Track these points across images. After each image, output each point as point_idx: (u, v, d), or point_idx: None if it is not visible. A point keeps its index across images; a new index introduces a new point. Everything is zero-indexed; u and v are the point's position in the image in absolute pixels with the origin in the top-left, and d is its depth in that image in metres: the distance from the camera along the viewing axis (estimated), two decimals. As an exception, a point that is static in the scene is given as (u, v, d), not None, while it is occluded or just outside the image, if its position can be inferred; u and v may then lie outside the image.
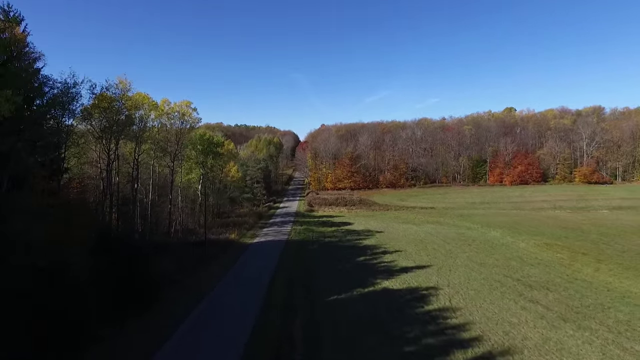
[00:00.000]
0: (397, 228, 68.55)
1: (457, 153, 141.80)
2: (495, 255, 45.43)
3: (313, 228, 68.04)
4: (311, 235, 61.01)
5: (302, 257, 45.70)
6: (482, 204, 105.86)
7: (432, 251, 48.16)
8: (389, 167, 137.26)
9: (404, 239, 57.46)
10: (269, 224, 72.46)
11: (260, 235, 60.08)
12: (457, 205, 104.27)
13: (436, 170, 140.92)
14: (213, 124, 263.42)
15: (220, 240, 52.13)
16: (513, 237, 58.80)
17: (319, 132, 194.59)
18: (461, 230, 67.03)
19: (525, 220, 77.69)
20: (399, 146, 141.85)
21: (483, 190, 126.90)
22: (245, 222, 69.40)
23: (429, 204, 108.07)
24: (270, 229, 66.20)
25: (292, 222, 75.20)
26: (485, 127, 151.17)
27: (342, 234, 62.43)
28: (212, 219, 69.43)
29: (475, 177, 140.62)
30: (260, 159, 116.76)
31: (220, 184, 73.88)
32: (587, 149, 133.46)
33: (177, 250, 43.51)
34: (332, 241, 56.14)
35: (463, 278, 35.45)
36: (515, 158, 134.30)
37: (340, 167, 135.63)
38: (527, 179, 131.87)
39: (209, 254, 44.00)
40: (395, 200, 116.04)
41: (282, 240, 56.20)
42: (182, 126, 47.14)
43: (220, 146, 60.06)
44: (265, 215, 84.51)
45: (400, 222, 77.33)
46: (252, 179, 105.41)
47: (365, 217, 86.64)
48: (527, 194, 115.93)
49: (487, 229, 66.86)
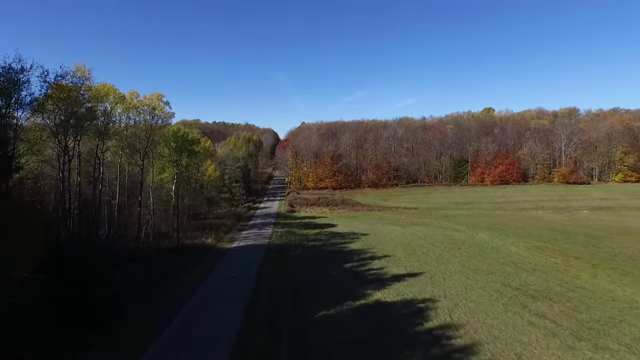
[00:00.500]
0: (382, 230, 66.08)
1: (439, 152, 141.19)
2: (487, 261, 43.39)
3: (295, 230, 64.72)
4: (294, 238, 57.67)
5: (284, 264, 42.35)
6: (465, 204, 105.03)
7: (422, 256, 45.72)
8: (371, 167, 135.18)
9: (391, 242, 54.96)
10: (248, 226, 68.62)
11: (239, 239, 56.28)
12: (440, 206, 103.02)
13: (418, 170, 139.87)
14: (190, 120, 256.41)
15: (196, 245, 48.12)
16: (501, 239, 57.25)
17: (300, 131, 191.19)
18: (448, 232, 65.17)
19: (510, 221, 76.75)
20: (381, 145, 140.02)
21: (465, 190, 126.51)
22: (223, 224, 65.35)
23: (413, 204, 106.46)
24: (250, 232, 62.45)
25: (273, 223, 71.62)
26: (466, 126, 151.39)
27: (326, 237, 59.35)
28: (188, 221, 65.13)
29: (457, 176, 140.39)
30: (239, 158, 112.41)
31: (197, 183, 69.49)
32: (565, 149, 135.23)
33: (147, 259, 39.45)
34: (316, 245, 52.99)
35: (460, 287, 32.97)
36: (496, 158, 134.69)
37: (321, 166, 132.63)
38: (508, 179, 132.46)
39: (183, 262, 40.06)
40: (378, 200, 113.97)
41: (262, 244, 52.64)
42: (152, 121, 42.79)
43: (195, 144, 55.88)
44: (244, 216, 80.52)
45: (385, 223, 74.96)
46: (231, 178, 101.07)
47: (348, 218, 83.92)
48: (509, 194, 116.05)
49: (474, 231, 65.26)
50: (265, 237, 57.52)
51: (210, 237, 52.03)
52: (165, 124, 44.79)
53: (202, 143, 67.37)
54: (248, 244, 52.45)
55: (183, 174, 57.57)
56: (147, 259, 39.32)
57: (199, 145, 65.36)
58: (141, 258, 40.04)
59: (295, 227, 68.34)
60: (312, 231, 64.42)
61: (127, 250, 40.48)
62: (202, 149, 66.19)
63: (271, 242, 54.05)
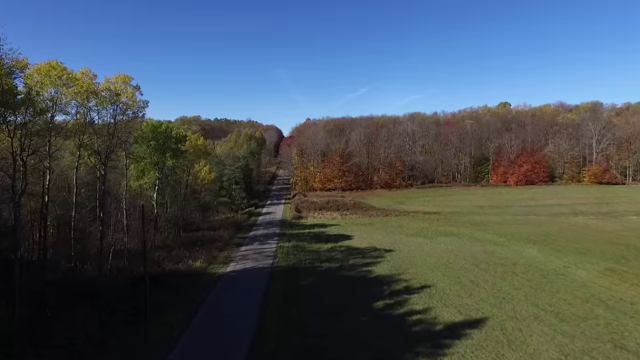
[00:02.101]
0: (407, 243, 55.46)
1: (458, 150, 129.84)
2: (562, 295, 32.73)
3: (304, 245, 54.17)
4: (303, 257, 47.10)
5: (294, 302, 31.78)
6: (492, 208, 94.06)
7: (472, 287, 35.07)
8: (383, 166, 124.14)
9: (424, 262, 44.37)
10: (248, 239, 58.05)
11: (236, 259, 45.75)
12: (464, 210, 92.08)
13: (434, 169, 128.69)
14: (190, 117, 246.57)
15: (180, 271, 37.68)
16: (558, 257, 46.68)
17: (305, 127, 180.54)
18: (486, 245, 54.52)
19: (553, 230, 65.88)
20: (395, 142, 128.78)
21: (488, 192, 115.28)
22: (218, 237, 54.93)
23: (432, 207, 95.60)
24: (249, 248, 51.89)
25: (278, 235, 61.04)
26: (485, 122, 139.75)
27: (342, 254, 48.72)
28: (177, 234, 54.73)
29: (477, 176, 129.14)
30: (239, 157, 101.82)
31: (187, 188, 59.10)
32: (596, 146, 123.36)
33: (107, 298, 28.99)
34: (332, 268, 42.36)
35: (554, 353, 22.23)
36: (520, 156, 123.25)
37: (329, 165, 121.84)
38: (534, 179, 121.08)
39: (157, 301, 29.58)
40: (393, 203, 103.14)
41: (264, 267, 42.11)
42: (118, 112, 32.13)
43: (181, 141, 45.34)
44: (244, 225, 69.98)
45: (407, 233, 64.26)
46: (230, 179, 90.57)
47: (363, 226, 73.23)
48: (538, 196, 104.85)
49: (518, 244, 54.65)
50: (268, 256, 47.00)
51: (199, 259, 41.47)
52: (136, 116, 34.22)
53: (192, 140, 56.86)
54: (246, 267, 41.86)
55: (168, 178, 47.09)
56: (106, 298, 28.88)
57: (189, 143, 55.03)
58: (101, 295, 29.67)
59: (304, 240, 57.80)
60: (324, 246, 53.80)
61: (82, 285, 30.05)
62: (192, 148, 55.78)
63: (275, 264, 43.50)
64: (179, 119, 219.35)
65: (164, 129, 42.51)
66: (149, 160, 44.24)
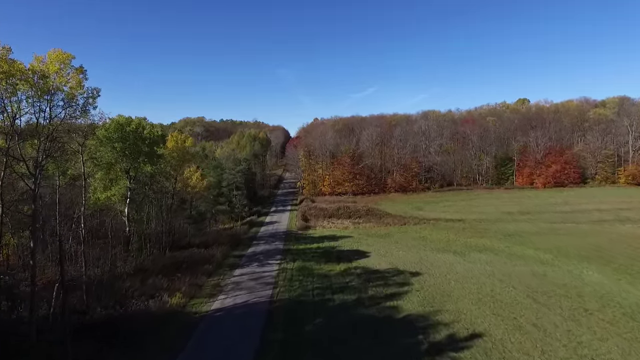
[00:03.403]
0: (436, 263, 46.13)
1: (479, 150, 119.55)
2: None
3: (312, 266, 45.08)
4: (310, 285, 38.02)
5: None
6: (522, 214, 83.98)
7: (538, 335, 25.75)
8: (398, 167, 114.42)
9: (463, 292, 35.06)
10: (245, 258, 49.09)
11: (226, 289, 36.83)
12: (491, 217, 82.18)
13: (453, 171, 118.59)
14: (194, 118, 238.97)
15: (149, 313, 28.81)
16: (631, 283, 37.30)
17: (313, 127, 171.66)
18: (531, 264, 45.19)
19: (604, 243, 55.89)
20: (410, 142, 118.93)
21: (514, 195, 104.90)
22: (209, 256, 46.15)
23: (455, 214, 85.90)
24: (245, 271, 42.91)
25: (281, 252, 52.06)
26: (507, 119, 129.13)
27: (358, 280, 39.53)
28: (162, 252, 46.04)
29: (500, 178, 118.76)
30: (240, 160, 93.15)
31: (174, 198, 50.42)
32: (633, 143, 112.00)
33: None
34: (347, 302, 33.18)
35: None
36: (548, 156, 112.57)
37: (339, 167, 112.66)
38: (564, 181, 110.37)
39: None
40: (410, 209, 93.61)
41: (261, 301, 33.14)
42: (54, 103, 23.45)
43: (158, 143, 36.62)
44: (243, 239, 61.05)
45: (432, 248, 54.91)
46: (230, 185, 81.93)
47: (380, 238, 63.94)
48: (572, 200, 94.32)
49: (570, 263, 45.15)
50: (267, 284, 38.01)
51: (178, 292, 32.52)
52: (85, 111, 25.45)
53: (178, 141, 47.91)
54: (238, 302, 32.87)
55: (146, 187, 38.42)
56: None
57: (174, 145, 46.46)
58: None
59: (312, 258, 48.74)
60: (336, 267, 44.65)
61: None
62: (177, 150, 47.10)
63: (276, 296, 34.48)
64: (183, 120, 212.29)
65: (133, 127, 33.97)
66: (119, 166, 35.59)
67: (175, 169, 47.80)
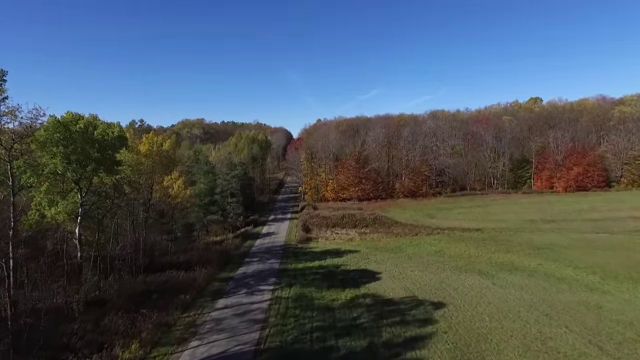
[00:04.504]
0: (460, 288, 38.41)
1: (493, 151, 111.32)
2: None
3: (312, 293, 37.45)
4: (309, 325, 30.31)
5: None
6: (546, 222, 75.82)
7: None
8: (407, 171, 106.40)
9: (501, 333, 27.43)
10: (233, 283, 41.41)
11: (202, 331, 29.22)
12: (512, 225, 74.16)
13: (466, 174, 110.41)
14: (193, 120, 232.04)
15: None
16: None
17: (316, 128, 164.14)
18: (577, 290, 37.50)
19: (654, 259, 47.82)
20: (419, 143, 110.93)
21: (534, 201, 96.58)
22: (190, 281, 38.69)
23: (471, 222, 77.96)
24: (230, 302, 35.26)
25: (276, 273, 44.46)
26: (523, 119, 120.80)
27: (368, 315, 31.84)
28: (132, 278, 38.60)
29: (516, 181, 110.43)
30: (236, 164, 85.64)
31: (149, 212, 42.95)
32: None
33: None
34: (356, 352, 25.50)
35: None
36: (569, 157, 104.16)
37: (344, 171, 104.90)
38: (586, 184, 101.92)
39: None
40: (421, 216, 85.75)
41: (244, 352, 25.53)
42: None
43: (114, 147, 29.13)
44: (234, 255, 53.50)
45: (453, 266, 47.14)
46: (224, 191, 74.52)
47: (390, 253, 56.21)
48: (600, 206, 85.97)
49: (624, 289, 37.71)
50: (254, 322, 30.40)
51: (134, 342, 24.98)
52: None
53: (149, 144, 40.33)
54: (212, 355, 25.24)
55: (108, 201, 31.03)
56: None
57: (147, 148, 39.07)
58: None
59: (312, 282, 41.12)
60: (341, 295, 36.95)
61: None
62: (153, 155, 39.72)
63: (264, 343, 26.86)
64: (181, 121, 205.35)
65: (81, 127, 26.71)
66: (70, 176, 28.20)
67: (150, 176, 40.46)
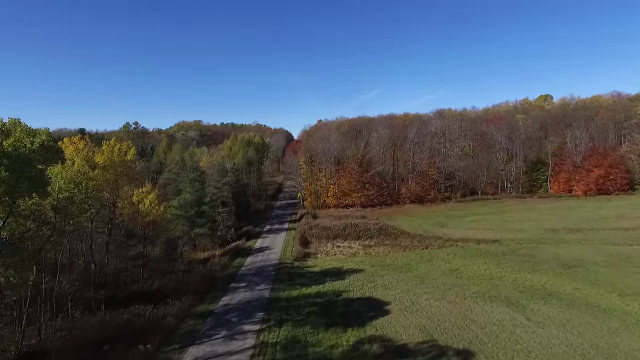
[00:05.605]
0: (488, 326, 31.23)
1: (507, 152, 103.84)
2: None
3: (306, 336, 30.32)
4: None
5: None
6: (570, 231, 68.35)
7: None
8: (413, 175, 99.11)
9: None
10: (211, 320, 34.07)
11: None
12: (531, 235, 66.73)
13: (477, 177, 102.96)
14: (190, 122, 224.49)
15: None
16: None
17: (316, 129, 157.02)
18: (634, 329, 29.96)
19: None
20: (427, 145, 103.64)
21: (553, 206, 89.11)
22: (159, 320, 31.67)
23: (486, 232, 70.65)
24: (202, 352, 28.03)
25: (265, 307, 37.22)
26: (537, 117, 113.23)
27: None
28: (87, 316, 31.63)
29: (532, 185, 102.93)
30: (227, 170, 78.63)
31: (111, 234, 35.94)
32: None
33: None
34: None
35: None
36: (589, 159, 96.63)
37: (345, 175, 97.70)
38: (608, 188, 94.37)
39: None
40: (430, 225, 78.45)
41: None
42: None
43: (36, 160, 21.99)
44: (219, 278, 46.30)
45: (474, 293, 39.87)
46: (214, 200, 67.56)
47: (399, 272, 49.04)
48: (627, 212, 78.47)
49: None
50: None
51: None
52: None
53: (109, 152, 33.13)
54: None
55: (42, 229, 24.16)
56: None
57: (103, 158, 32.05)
58: None
59: (308, 319, 33.94)
60: (342, 339, 29.78)
61: None
62: (114, 165, 32.82)
63: None
64: (178, 124, 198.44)
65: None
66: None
67: (113, 191, 33.69)
